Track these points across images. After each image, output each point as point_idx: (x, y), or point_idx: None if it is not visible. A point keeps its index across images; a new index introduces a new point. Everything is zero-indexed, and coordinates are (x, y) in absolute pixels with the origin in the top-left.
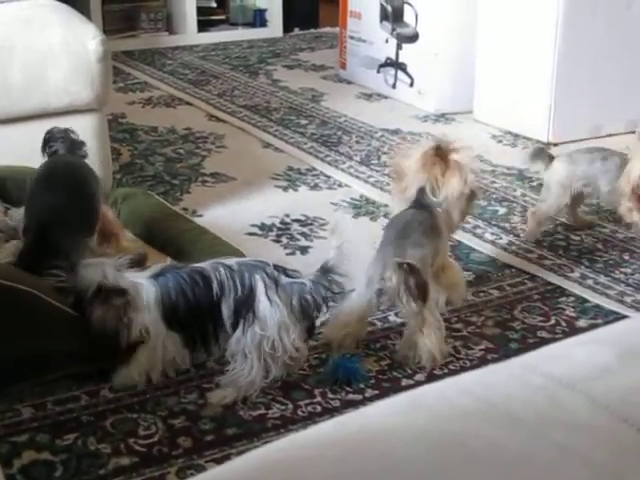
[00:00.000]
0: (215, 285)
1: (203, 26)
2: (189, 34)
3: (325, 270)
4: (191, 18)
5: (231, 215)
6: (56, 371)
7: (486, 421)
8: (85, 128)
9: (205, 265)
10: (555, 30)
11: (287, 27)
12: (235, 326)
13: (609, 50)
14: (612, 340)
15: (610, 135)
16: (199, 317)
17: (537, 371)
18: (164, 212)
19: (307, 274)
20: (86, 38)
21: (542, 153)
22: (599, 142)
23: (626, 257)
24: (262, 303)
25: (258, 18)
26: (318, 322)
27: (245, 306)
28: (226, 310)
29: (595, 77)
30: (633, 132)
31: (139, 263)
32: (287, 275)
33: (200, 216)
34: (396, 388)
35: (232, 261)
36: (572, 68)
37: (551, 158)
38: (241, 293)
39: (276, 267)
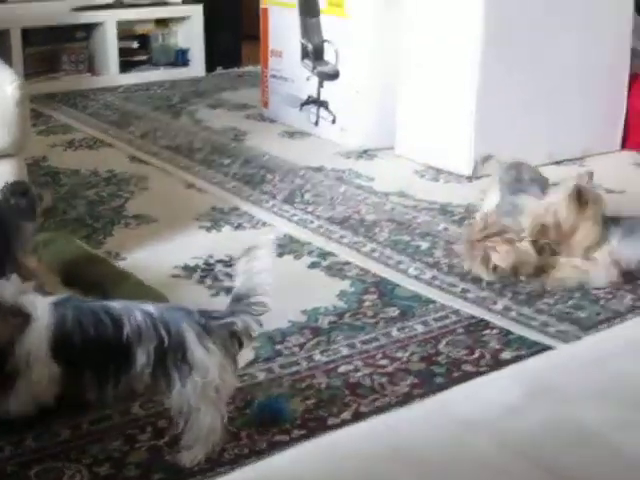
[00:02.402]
0: (127, 329)
1: (125, 67)
2: (111, 75)
3: (238, 298)
4: (113, 59)
5: (154, 257)
6: None
7: (393, 465)
8: (2, 174)
9: (116, 305)
10: (474, 66)
11: (209, 66)
12: (159, 377)
13: (529, 84)
14: (520, 378)
15: None
16: (98, 356)
17: (445, 413)
18: (86, 256)
19: (225, 309)
20: (3, 83)
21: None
22: None
23: (548, 288)
24: (197, 352)
25: (180, 58)
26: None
27: (175, 357)
28: (142, 358)
29: (515, 111)
30: (555, 163)
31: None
32: (213, 317)
33: (123, 259)
34: (322, 427)
35: (151, 307)
36: (492, 102)
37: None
38: (167, 343)
39: (200, 312)
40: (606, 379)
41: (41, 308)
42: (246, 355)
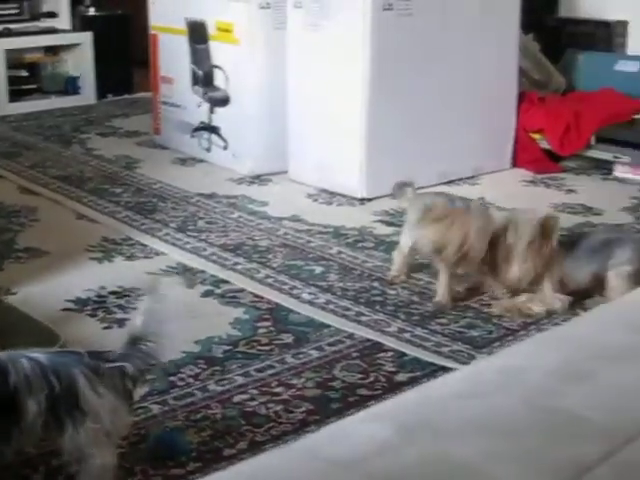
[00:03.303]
0: (14, 378)
1: (15, 96)
2: (0, 105)
3: (134, 340)
4: (2, 88)
5: (46, 291)
6: None
7: None
8: None
9: (1, 355)
10: (362, 89)
11: (100, 94)
12: (51, 425)
13: (418, 105)
14: (391, 415)
15: (422, 187)
16: None
17: (317, 455)
18: None
19: (119, 348)
20: None
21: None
22: None
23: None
24: (90, 397)
25: (71, 86)
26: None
27: (67, 404)
28: (34, 407)
29: (405, 131)
30: (447, 183)
31: None
32: (104, 359)
33: (14, 294)
34: (218, 459)
35: (40, 355)
36: (382, 124)
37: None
38: (59, 390)
39: (91, 354)
40: (479, 411)
41: None
42: (140, 389)
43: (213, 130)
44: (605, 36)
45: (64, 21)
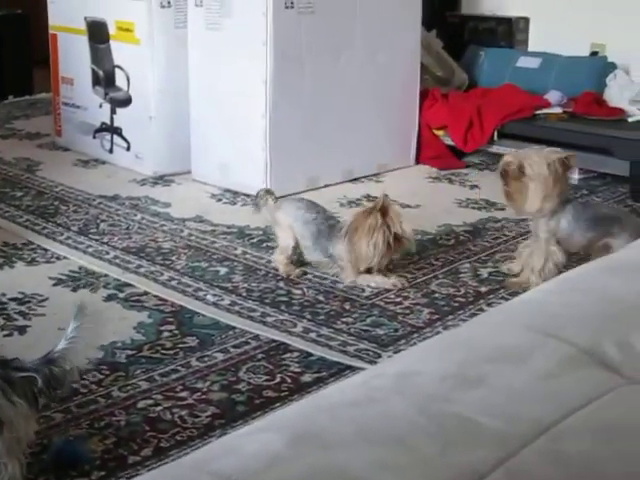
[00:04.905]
0: None
1: None
2: None
3: (48, 361)
4: None
5: None
6: None
7: None
8: None
9: None
10: (265, 89)
11: (0, 95)
12: None
13: (321, 104)
14: (283, 426)
15: (327, 185)
16: None
17: (206, 470)
18: None
19: (31, 361)
20: None
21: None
22: (317, 193)
23: (347, 307)
24: (5, 407)
25: None
26: None
27: None
28: None
29: (309, 130)
30: (352, 181)
31: None
32: (13, 368)
33: None
34: (123, 467)
35: None
36: (285, 124)
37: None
38: None
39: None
40: (372, 420)
41: None
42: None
43: (115, 131)
44: (507, 33)
45: None
